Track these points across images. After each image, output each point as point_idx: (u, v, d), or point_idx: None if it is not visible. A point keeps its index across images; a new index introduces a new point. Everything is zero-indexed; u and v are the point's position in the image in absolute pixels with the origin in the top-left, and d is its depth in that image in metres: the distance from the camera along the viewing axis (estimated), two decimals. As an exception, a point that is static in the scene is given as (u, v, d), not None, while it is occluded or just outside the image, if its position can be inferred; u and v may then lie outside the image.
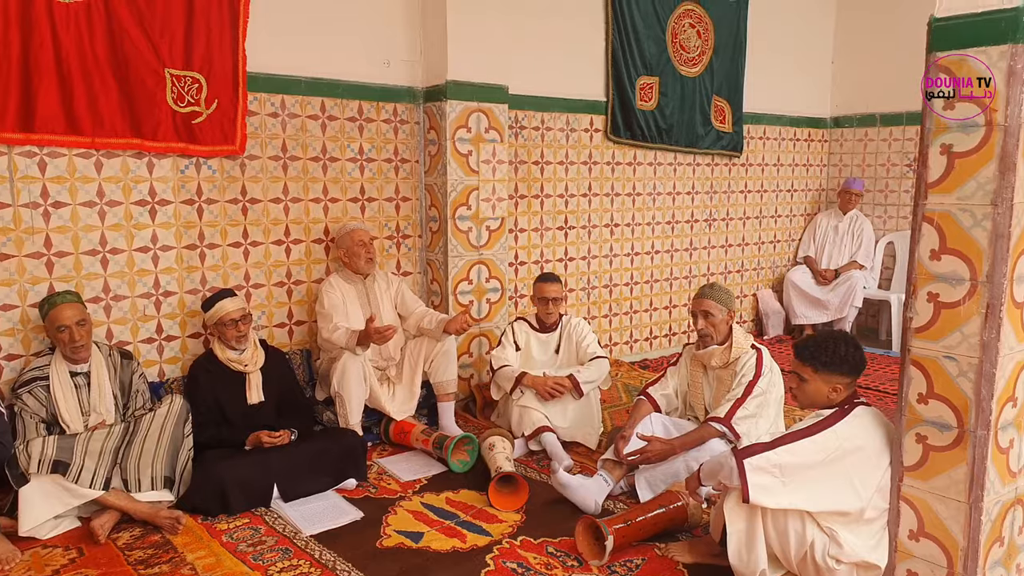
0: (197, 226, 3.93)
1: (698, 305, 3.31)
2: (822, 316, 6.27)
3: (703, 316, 3.28)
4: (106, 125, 3.55)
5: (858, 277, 6.15)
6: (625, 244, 5.68)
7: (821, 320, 6.29)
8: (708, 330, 3.28)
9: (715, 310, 3.26)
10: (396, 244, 4.62)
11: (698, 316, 3.30)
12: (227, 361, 3.58)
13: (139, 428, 3.21)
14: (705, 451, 3.12)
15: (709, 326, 3.27)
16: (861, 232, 6.33)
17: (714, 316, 3.26)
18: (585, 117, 5.29)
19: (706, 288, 3.34)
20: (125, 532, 3.00)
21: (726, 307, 3.27)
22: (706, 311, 3.27)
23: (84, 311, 3.30)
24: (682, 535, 2.96)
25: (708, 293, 3.29)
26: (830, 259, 6.46)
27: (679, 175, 5.90)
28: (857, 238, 6.33)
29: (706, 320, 3.27)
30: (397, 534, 3.02)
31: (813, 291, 6.31)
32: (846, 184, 6.48)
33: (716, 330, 3.27)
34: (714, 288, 3.32)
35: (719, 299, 3.27)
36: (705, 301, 3.28)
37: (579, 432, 3.92)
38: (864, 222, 6.38)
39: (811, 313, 6.31)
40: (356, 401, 3.81)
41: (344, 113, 4.31)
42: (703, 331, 3.29)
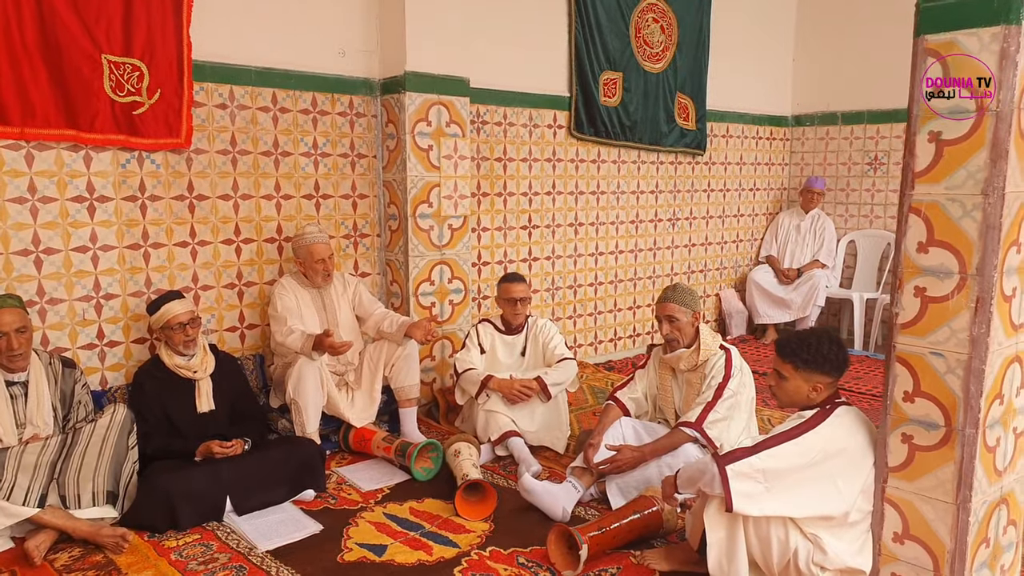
0: (140, 224, 3.70)
1: (662, 310, 3.21)
2: (785, 315, 6.28)
3: (668, 321, 3.18)
4: (37, 115, 3.31)
5: (820, 276, 6.17)
6: (589, 244, 5.58)
7: (784, 319, 6.30)
8: (674, 335, 3.18)
9: (679, 313, 3.16)
10: (353, 244, 4.44)
11: (663, 321, 3.21)
12: (175, 367, 3.36)
13: (78, 440, 3.00)
14: (679, 456, 3.02)
15: (675, 331, 3.18)
16: (823, 231, 6.35)
17: (679, 320, 3.16)
18: (548, 112, 5.18)
19: (668, 291, 3.23)
20: (63, 552, 2.80)
21: (690, 309, 3.17)
22: (670, 315, 3.17)
23: (26, 317, 3.06)
24: (657, 541, 2.86)
25: (671, 296, 3.19)
26: (792, 258, 6.47)
27: (643, 173, 5.83)
28: (819, 237, 6.35)
29: (671, 325, 3.18)
30: (359, 547, 2.85)
31: (776, 290, 6.31)
32: (808, 183, 6.49)
33: (682, 333, 3.18)
34: (677, 290, 3.21)
35: (682, 301, 3.17)
36: (668, 305, 3.18)
37: (547, 436, 3.80)
38: (826, 221, 6.40)
39: (774, 312, 6.31)
40: (313, 408, 3.62)
41: (297, 105, 4.12)
42: (669, 336, 3.20)
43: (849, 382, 5.07)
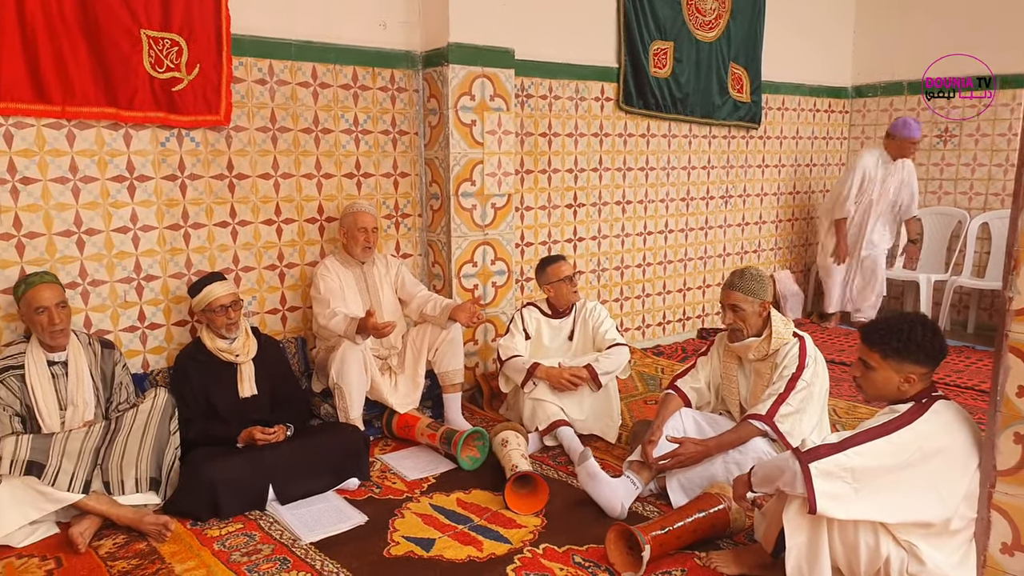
0: (180, 204, 3.60)
1: (726, 297, 2.98)
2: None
3: (731, 310, 2.96)
4: (77, 92, 3.22)
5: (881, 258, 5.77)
6: (638, 222, 5.37)
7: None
8: (738, 324, 2.97)
9: (744, 303, 2.93)
10: (395, 224, 4.31)
11: (726, 309, 2.99)
12: (217, 351, 3.28)
13: (121, 425, 2.94)
14: (747, 451, 2.83)
15: (738, 320, 2.96)
16: (911, 185, 5.65)
17: (743, 310, 2.94)
18: (596, 85, 4.96)
19: (735, 277, 2.99)
20: (107, 539, 2.74)
21: (758, 298, 2.94)
22: (734, 304, 2.95)
23: (62, 293, 3.04)
24: (724, 542, 2.68)
25: (737, 283, 2.95)
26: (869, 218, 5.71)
27: (694, 148, 5.59)
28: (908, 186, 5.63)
29: (735, 314, 2.96)
30: (406, 541, 2.74)
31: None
32: (903, 130, 5.49)
33: (747, 324, 2.96)
34: (744, 277, 2.96)
35: (749, 290, 2.93)
36: (733, 293, 2.95)
37: (597, 425, 3.64)
38: (913, 174, 5.69)
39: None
40: (357, 393, 3.52)
41: (337, 80, 3.97)
42: (732, 326, 2.99)
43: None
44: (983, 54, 5.54)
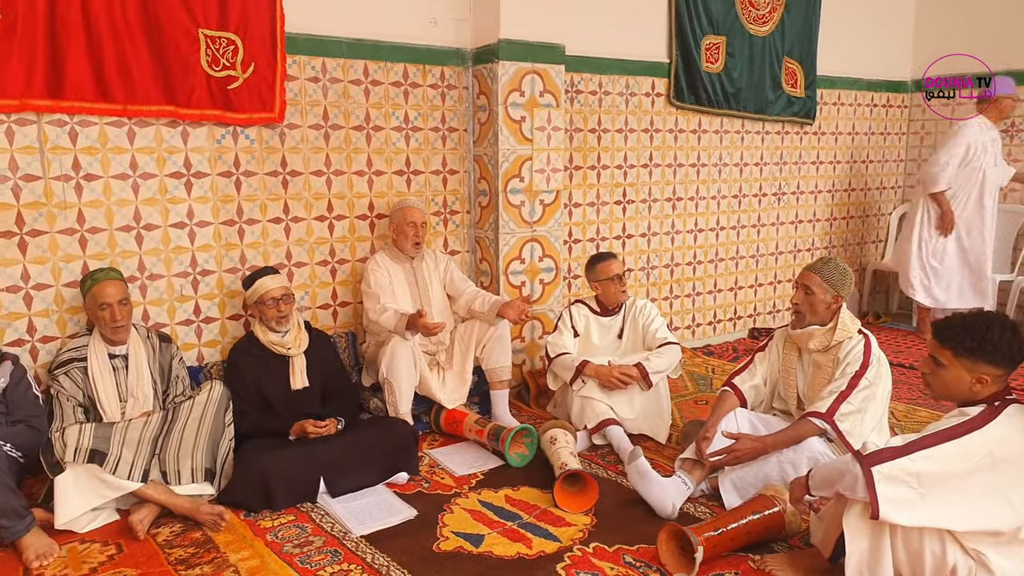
0: (235, 200, 3.67)
1: (803, 277, 2.93)
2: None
3: (803, 290, 2.90)
4: (138, 91, 3.30)
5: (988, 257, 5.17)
6: (688, 220, 5.30)
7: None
8: (802, 307, 2.91)
9: (818, 288, 2.87)
10: (443, 221, 4.32)
11: (798, 288, 2.93)
12: (269, 344, 3.33)
13: (178, 417, 3.01)
14: (801, 451, 2.76)
15: (805, 303, 2.90)
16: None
17: (814, 294, 2.88)
18: (646, 80, 4.90)
19: (821, 262, 2.94)
20: (165, 528, 2.80)
21: (833, 288, 2.87)
22: (808, 286, 2.89)
23: (126, 290, 3.14)
24: (778, 545, 2.62)
25: (820, 268, 2.90)
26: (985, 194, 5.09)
27: (747, 144, 5.48)
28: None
29: (805, 296, 2.90)
30: (455, 536, 2.74)
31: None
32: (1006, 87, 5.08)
33: (812, 310, 2.90)
34: (829, 265, 2.91)
35: (828, 277, 2.87)
36: (811, 276, 2.90)
37: (647, 424, 3.59)
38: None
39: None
40: (407, 388, 3.54)
41: (388, 77, 4.00)
42: (796, 307, 2.93)
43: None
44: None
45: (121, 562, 2.56)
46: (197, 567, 2.52)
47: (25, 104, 3.08)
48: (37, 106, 3.12)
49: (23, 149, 3.15)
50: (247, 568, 2.52)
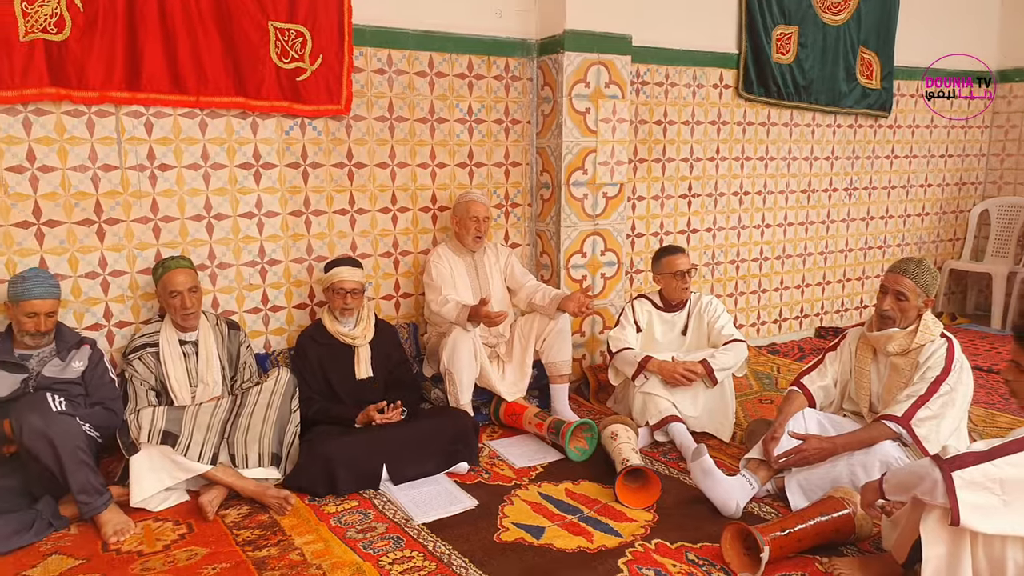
0: (302, 191, 3.73)
1: (894, 282, 2.77)
2: None
3: (895, 296, 2.76)
4: (210, 83, 3.38)
5: None
6: (755, 215, 5.17)
7: None
8: (894, 313, 2.77)
9: (912, 294, 2.73)
10: (504, 213, 4.31)
11: (888, 294, 2.78)
12: (336, 333, 3.39)
13: (246, 402, 3.08)
14: (874, 454, 2.66)
15: (897, 309, 2.76)
16: None
17: (907, 300, 2.74)
18: (714, 71, 4.80)
19: (910, 264, 2.77)
20: (232, 509, 2.87)
21: (926, 293, 2.74)
22: (901, 291, 2.74)
23: (196, 278, 3.23)
24: (847, 549, 2.53)
25: (911, 271, 2.74)
26: None
27: (817, 137, 5.32)
28: None
29: (896, 302, 2.76)
30: (516, 527, 2.73)
31: None
32: None
33: (904, 315, 2.76)
34: (921, 267, 2.75)
35: (922, 281, 2.73)
36: (904, 280, 2.74)
37: (711, 423, 3.52)
38: None
39: None
40: (467, 379, 3.55)
41: (453, 69, 4.01)
42: (887, 312, 2.78)
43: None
44: None
45: (192, 541, 2.64)
46: (264, 549, 2.58)
47: (105, 96, 3.19)
48: (116, 98, 3.22)
49: (102, 140, 3.26)
50: (312, 552, 2.56)
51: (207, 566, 2.46)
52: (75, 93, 3.13)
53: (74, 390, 2.94)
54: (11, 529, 2.56)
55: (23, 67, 3.00)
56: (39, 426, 2.60)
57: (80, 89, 3.13)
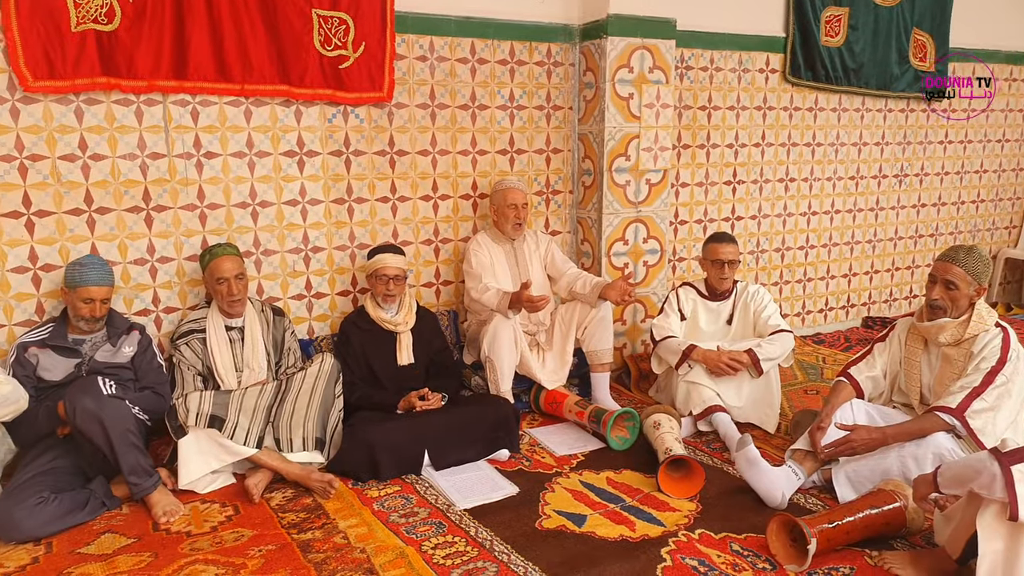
0: (345, 179, 3.75)
1: (944, 271, 2.69)
2: None
3: (944, 285, 2.68)
4: (255, 71, 3.41)
5: None
6: (801, 202, 5.06)
7: None
8: (944, 303, 2.69)
9: (963, 282, 2.65)
10: (545, 200, 4.29)
11: (938, 283, 2.71)
12: (379, 320, 3.41)
13: (291, 387, 3.12)
14: (926, 446, 2.58)
15: (947, 299, 2.68)
16: None
17: (957, 288, 2.66)
18: (760, 56, 4.70)
19: (961, 252, 2.69)
20: (277, 493, 2.91)
21: (977, 281, 2.66)
22: (951, 280, 2.66)
23: (242, 265, 3.27)
24: (897, 543, 2.47)
25: (962, 259, 2.67)
26: None
27: (867, 122, 5.18)
28: None
29: (947, 291, 2.68)
30: (557, 515, 2.72)
31: None
32: None
33: (955, 305, 2.68)
34: (972, 255, 2.67)
35: (973, 270, 2.65)
36: (954, 268, 2.67)
37: (755, 413, 3.47)
38: None
39: None
40: (508, 367, 3.54)
41: (495, 56, 3.99)
42: (937, 303, 2.70)
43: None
44: None
45: (238, 523, 2.69)
46: (308, 531, 2.61)
47: (153, 85, 3.24)
48: (163, 87, 3.27)
49: (150, 128, 3.31)
50: (355, 535, 2.58)
51: (253, 548, 2.50)
52: (124, 82, 3.18)
53: (124, 374, 3.00)
54: (66, 508, 2.63)
55: (75, 57, 3.06)
56: (92, 408, 2.67)
57: (129, 78, 3.18)
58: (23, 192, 3.11)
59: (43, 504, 2.57)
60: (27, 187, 3.11)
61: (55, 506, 2.60)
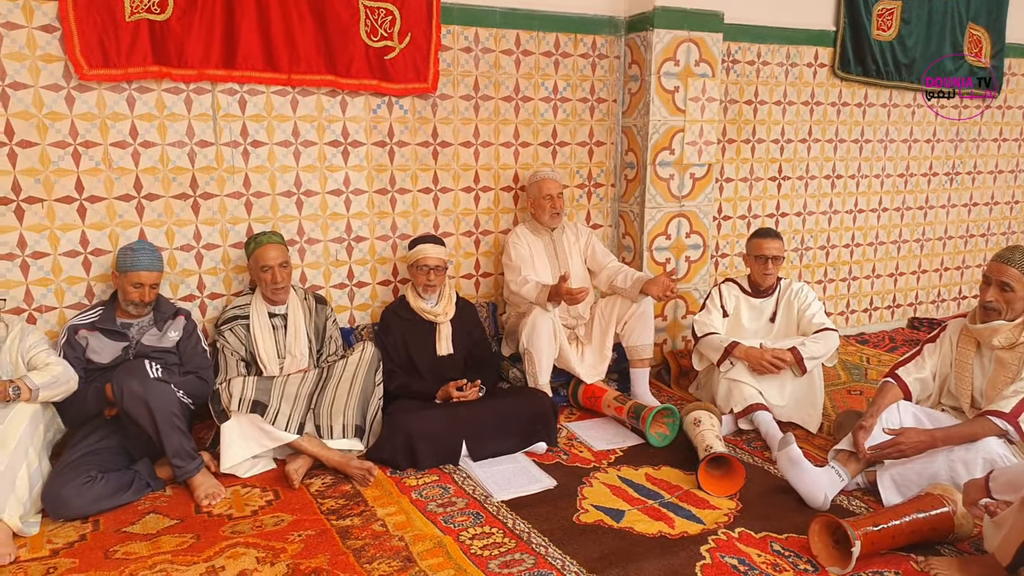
0: (388, 170, 3.77)
1: (998, 272, 2.63)
2: None
3: (999, 287, 2.62)
4: (302, 61, 3.44)
5: None
6: (848, 199, 4.96)
7: None
8: (999, 304, 2.62)
9: (1018, 284, 2.58)
10: (587, 194, 4.26)
11: (992, 285, 2.64)
12: (419, 310, 3.43)
13: (332, 374, 3.15)
14: (976, 450, 2.52)
15: (1001, 301, 2.62)
16: None
17: (1013, 291, 2.59)
18: (809, 50, 4.60)
19: (1016, 252, 2.63)
20: (317, 479, 2.94)
21: None
22: (1005, 281, 2.60)
23: (286, 253, 3.30)
24: (945, 548, 2.41)
25: (1017, 260, 2.61)
26: None
27: (918, 119, 5.05)
28: None
29: (1001, 293, 2.61)
30: (595, 509, 2.71)
31: None
32: None
33: (1010, 308, 2.62)
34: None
35: None
36: (1008, 270, 2.60)
37: (797, 413, 3.41)
38: None
39: None
40: (546, 360, 3.53)
41: (539, 47, 3.97)
42: (991, 304, 2.64)
43: None
44: None
45: (278, 507, 2.72)
46: (347, 518, 2.63)
47: (202, 74, 3.29)
48: (213, 76, 3.31)
49: (199, 116, 3.36)
50: (394, 523, 2.60)
51: (293, 532, 2.53)
52: (175, 71, 3.23)
53: (169, 359, 3.05)
54: (112, 488, 2.69)
55: (128, 46, 3.12)
56: (138, 391, 2.72)
57: (180, 67, 3.23)
58: (76, 178, 3.18)
59: (91, 483, 2.63)
60: (80, 173, 3.18)
61: (102, 485, 2.66)
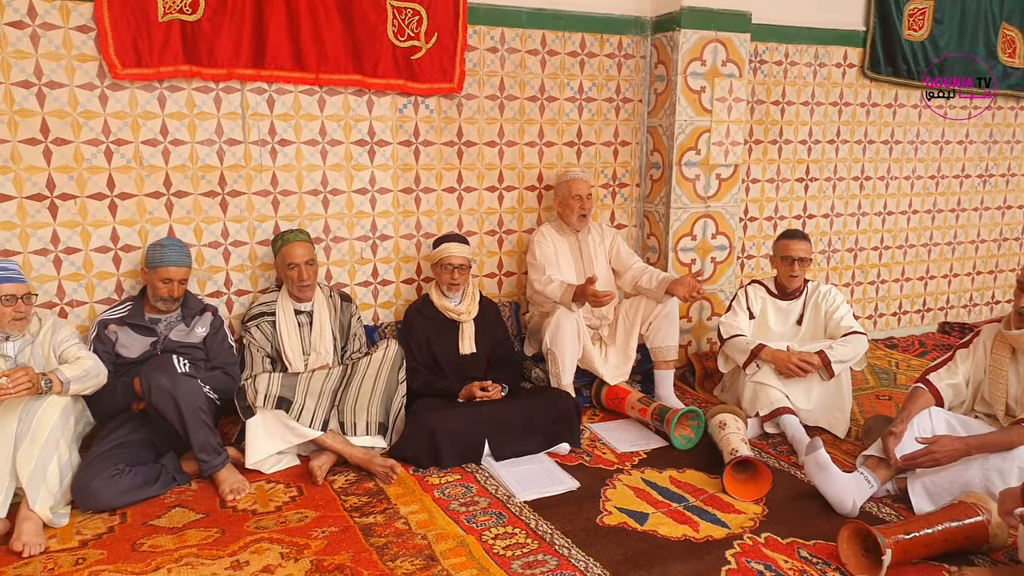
0: (414, 169, 3.78)
1: None
2: None
3: None
4: (330, 60, 3.46)
5: None
6: (876, 201, 4.89)
7: None
8: None
9: None
10: (612, 193, 4.24)
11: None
12: (443, 308, 3.43)
13: (356, 371, 3.16)
14: (1012, 459, 2.47)
15: None
16: None
17: None
18: (838, 50, 4.55)
19: None
20: (340, 476, 2.96)
21: None
22: None
23: (312, 251, 3.32)
24: (979, 559, 2.37)
25: None
26: None
27: (950, 120, 4.96)
28: None
29: None
30: (619, 511, 2.69)
31: None
32: None
33: None
34: None
35: None
36: None
37: (824, 417, 3.37)
38: None
39: None
40: (570, 360, 3.52)
41: (565, 47, 3.96)
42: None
43: None
44: None
45: (302, 503, 2.73)
46: (370, 515, 2.64)
47: (232, 73, 3.32)
48: (242, 75, 3.34)
49: (228, 115, 3.39)
50: (416, 521, 2.60)
51: (316, 529, 2.54)
52: (205, 70, 3.26)
53: (196, 354, 3.08)
54: (140, 481, 2.73)
55: (161, 46, 3.16)
56: (166, 385, 2.75)
57: (210, 66, 3.26)
58: (108, 175, 3.22)
59: (119, 476, 2.66)
60: (111, 170, 3.22)
61: (129, 478, 2.69)
